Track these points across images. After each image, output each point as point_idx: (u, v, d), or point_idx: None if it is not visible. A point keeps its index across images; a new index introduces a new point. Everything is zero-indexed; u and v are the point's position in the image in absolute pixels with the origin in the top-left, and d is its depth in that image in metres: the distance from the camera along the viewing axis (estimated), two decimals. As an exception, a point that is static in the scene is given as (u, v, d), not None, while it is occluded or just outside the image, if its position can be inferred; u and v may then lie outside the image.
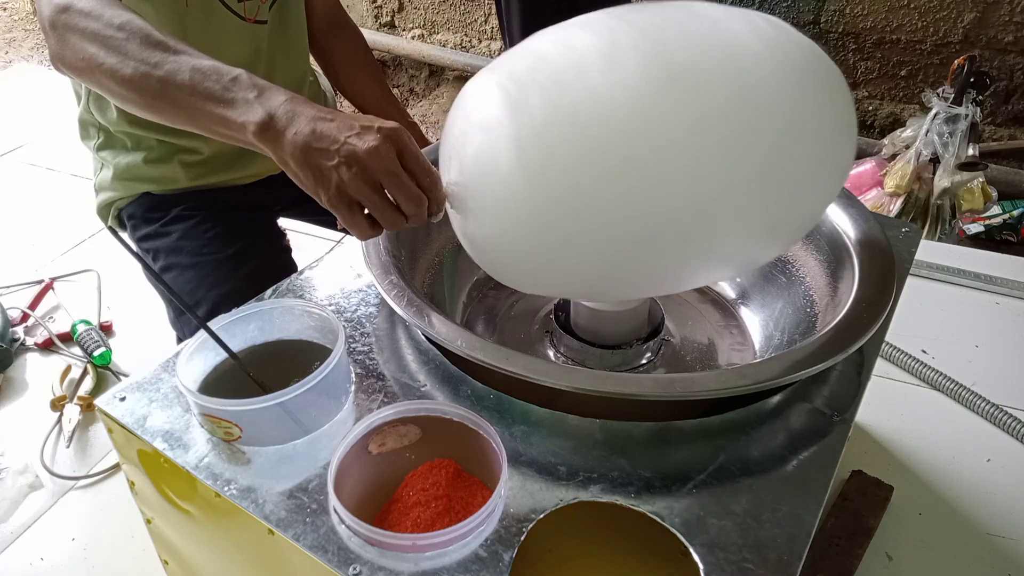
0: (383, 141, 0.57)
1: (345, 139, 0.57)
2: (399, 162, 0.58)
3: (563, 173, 0.54)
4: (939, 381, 1.22)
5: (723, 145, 0.54)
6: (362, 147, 0.56)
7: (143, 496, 0.69)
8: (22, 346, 1.42)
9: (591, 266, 0.59)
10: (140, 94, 0.68)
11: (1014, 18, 1.95)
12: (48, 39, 0.74)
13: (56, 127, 2.30)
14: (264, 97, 0.61)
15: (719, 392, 0.58)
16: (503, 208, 0.58)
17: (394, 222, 0.60)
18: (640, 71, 0.53)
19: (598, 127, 0.53)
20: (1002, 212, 1.89)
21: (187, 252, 0.99)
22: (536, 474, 0.57)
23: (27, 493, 1.13)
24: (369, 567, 0.50)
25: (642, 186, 0.54)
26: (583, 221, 0.56)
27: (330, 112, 0.60)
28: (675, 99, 0.53)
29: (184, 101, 0.65)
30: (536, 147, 0.55)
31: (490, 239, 0.62)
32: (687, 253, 0.59)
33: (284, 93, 0.62)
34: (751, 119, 0.54)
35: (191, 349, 0.63)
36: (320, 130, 0.58)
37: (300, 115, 0.59)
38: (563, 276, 0.61)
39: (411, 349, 0.70)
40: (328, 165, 0.58)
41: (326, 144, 0.58)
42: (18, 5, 3.57)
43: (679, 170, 0.54)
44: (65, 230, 1.80)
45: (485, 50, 2.77)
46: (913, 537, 1.00)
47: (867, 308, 0.66)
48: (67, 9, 0.72)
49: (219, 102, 0.63)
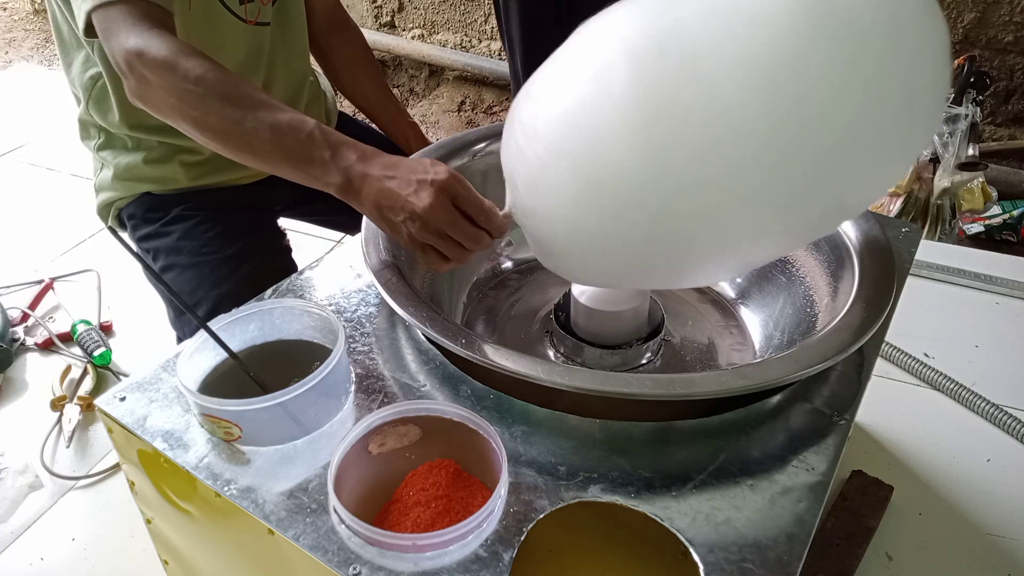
0: (437, 196, 0.65)
1: (406, 198, 0.66)
2: (456, 208, 0.66)
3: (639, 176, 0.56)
4: (939, 381, 1.22)
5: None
6: (420, 205, 0.65)
7: (143, 496, 0.69)
8: (22, 346, 1.42)
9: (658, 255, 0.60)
10: (223, 147, 0.74)
11: (1014, 18, 1.95)
12: (124, 78, 0.77)
13: (56, 127, 2.30)
14: (337, 156, 0.69)
15: (719, 392, 0.58)
16: (569, 215, 0.61)
17: (461, 256, 0.68)
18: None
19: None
20: (1002, 212, 1.89)
21: (187, 252, 0.99)
22: (536, 474, 0.57)
23: (27, 493, 1.13)
24: (369, 567, 0.50)
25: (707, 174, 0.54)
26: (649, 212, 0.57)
27: (391, 167, 0.68)
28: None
29: (266, 156, 0.72)
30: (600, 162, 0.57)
31: (558, 241, 0.65)
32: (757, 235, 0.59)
33: (353, 149, 0.69)
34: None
35: (191, 349, 0.63)
36: (385, 189, 0.67)
37: (369, 176, 0.68)
38: (630, 267, 0.63)
39: (411, 349, 0.70)
40: (397, 220, 0.67)
41: (391, 202, 0.67)
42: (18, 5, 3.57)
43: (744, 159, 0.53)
44: (65, 230, 1.80)
45: (485, 50, 2.77)
46: (913, 537, 1.00)
47: (867, 308, 0.66)
48: (141, 55, 0.73)
49: (299, 161, 0.70)
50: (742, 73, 0.51)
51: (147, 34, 0.74)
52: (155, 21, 0.76)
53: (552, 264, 0.69)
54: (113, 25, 0.76)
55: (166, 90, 0.73)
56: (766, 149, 0.53)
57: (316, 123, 0.71)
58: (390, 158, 0.69)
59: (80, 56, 0.97)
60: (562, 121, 0.58)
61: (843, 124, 0.52)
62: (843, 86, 0.51)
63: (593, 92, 0.56)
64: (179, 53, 0.73)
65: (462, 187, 0.66)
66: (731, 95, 0.52)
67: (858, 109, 0.52)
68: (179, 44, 0.74)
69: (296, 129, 0.70)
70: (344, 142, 0.70)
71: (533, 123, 0.61)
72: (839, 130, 0.52)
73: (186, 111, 0.73)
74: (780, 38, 0.51)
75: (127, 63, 0.74)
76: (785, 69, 0.51)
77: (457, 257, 0.68)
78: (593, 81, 0.56)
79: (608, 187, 0.57)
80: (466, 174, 0.91)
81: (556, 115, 0.59)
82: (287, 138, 0.70)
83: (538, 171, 0.61)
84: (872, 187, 0.60)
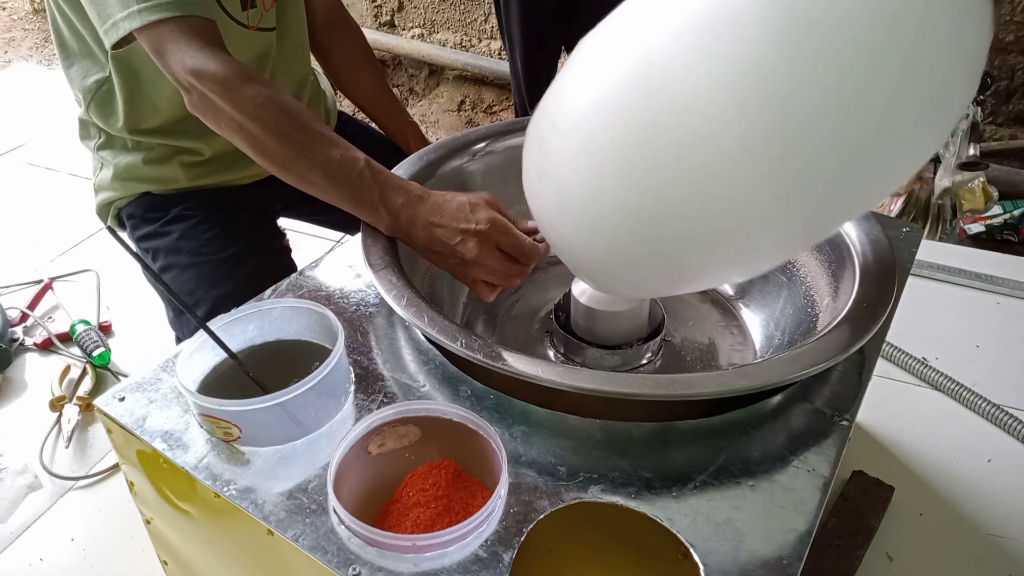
0: (481, 246, 0.71)
1: (454, 248, 0.72)
2: (500, 251, 0.72)
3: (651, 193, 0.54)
4: (940, 381, 1.22)
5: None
6: (468, 255, 0.71)
7: (142, 496, 0.69)
8: (21, 346, 1.42)
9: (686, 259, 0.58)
10: (280, 175, 0.78)
11: (1015, 18, 1.95)
12: (184, 93, 0.79)
13: (55, 127, 2.30)
14: (385, 199, 0.74)
15: (720, 392, 0.57)
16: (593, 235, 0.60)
17: (510, 286, 0.77)
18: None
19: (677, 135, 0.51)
20: (1003, 212, 1.89)
21: (187, 252, 0.99)
22: (536, 475, 0.57)
23: (26, 493, 1.13)
24: (368, 568, 0.50)
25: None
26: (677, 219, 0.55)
27: (436, 212, 0.72)
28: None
29: (320, 191, 0.76)
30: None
31: (580, 265, 0.66)
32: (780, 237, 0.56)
33: (399, 192, 0.74)
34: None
35: (190, 349, 0.63)
36: (434, 236, 0.72)
37: (416, 222, 0.73)
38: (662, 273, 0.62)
39: (411, 349, 0.69)
40: (446, 264, 0.75)
41: (440, 248, 0.73)
42: (17, 4, 3.57)
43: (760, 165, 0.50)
44: (64, 230, 1.80)
45: (485, 49, 2.77)
46: (914, 538, 1.00)
47: (868, 308, 0.66)
48: (199, 75, 0.76)
49: (350, 201, 0.75)
50: (724, 94, 0.48)
51: (202, 53, 0.77)
52: (207, 38, 0.79)
53: (585, 280, 0.72)
54: (167, 44, 0.78)
55: (228, 113, 0.76)
56: (764, 175, 0.50)
57: (365, 161, 0.75)
58: (434, 201, 0.73)
59: (84, 62, 0.97)
60: (568, 152, 0.58)
61: (848, 139, 0.48)
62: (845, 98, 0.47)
63: (589, 124, 0.55)
64: (237, 78, 0.76)
65: (502, 233, 0.71)
66: (715, 116, 0.48)
67: (860, 122, 0.48)
68: (236, 66, 0.77)
69: (347, 168, 0.74)
70: (389, 183, 0.74)
71: (545, 155, 0.61)
72: (846, 145, 0.48)
73: (246, 136, 0.76)
74: (763, 51, 0.47)
75: (187, 82, 0.77)
76: (772, 86, 0.47)
77: (507, 287, 0.76)
78: (590, 111, 0.55)
79: (610, 216, 0.57)
80: (466, 174, 0.92)
81: (564, 149, 0.58)
82: (338, 177, 0.74)
83: (553, 200, 0.62)
84: (877, 195, 0.56)
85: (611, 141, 0.54)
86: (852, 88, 0.46)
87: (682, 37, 0.49)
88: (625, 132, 0.53)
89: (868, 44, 0.46)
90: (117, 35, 0.79)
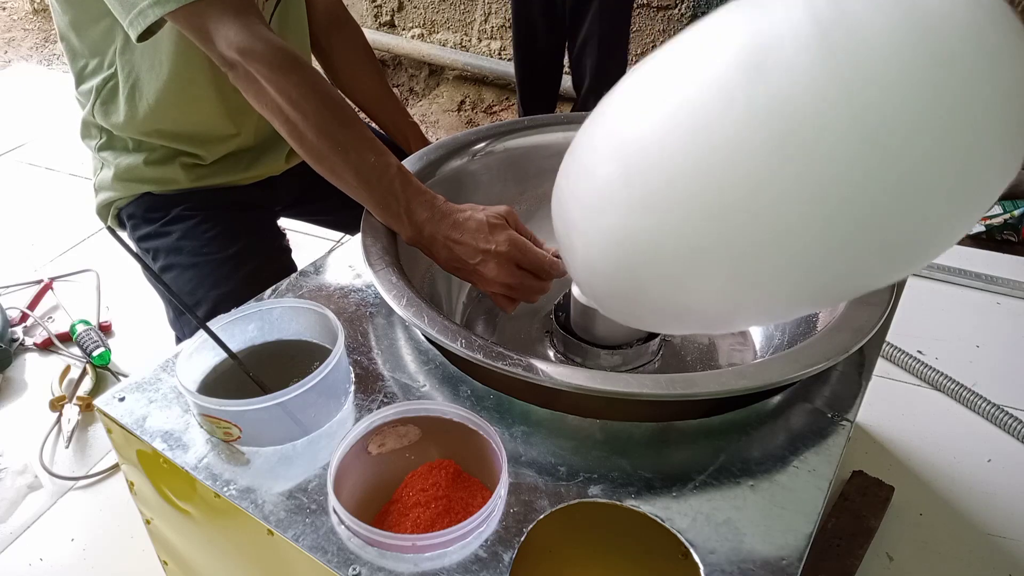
0: (501, 267, 0.72)
1: (475, 267, 0.73)
2: (519, 269, 0.73)
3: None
4: (940, 381, 1.22)
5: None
6: (488, 275, 0.73)
7: (142, 496, 0.69)
8: (21, 346, 1.42)
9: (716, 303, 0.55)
10: (314, 165, 0.78)
11: (1014, 18, 1.95)
12: (229, 70, 0.78)
13: (55, 127, 2.30)
14: (410, 212, 0.75)
15: (720, 392, 0.57)
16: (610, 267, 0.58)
17: (531, 300, 0.76)
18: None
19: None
20: (1003, 212, 1.89)
21: (187, 252, 0.99)
22: (536, 475, 0.57)
23: (26, 493, 1.13)
24: (369, 568, 0.50)
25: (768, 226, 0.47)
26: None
27: (457, 228, 0.73)
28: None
29: (351, 189, 0.77)
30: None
31: (598, 285, 0.63)
32: (801, 297, 0.53)
33: (424, 207, 0.75)
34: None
35: (190, 349, 0.63)
36: (455, 255, 0.74)
37: (437, 239, 0.74)
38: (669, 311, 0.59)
39: (410, 349, 0.69)
40: (468, 278, 0.76)
41: (461, 265, 0.75)
42: (17, 4, 3.57)
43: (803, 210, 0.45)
44: (64, 230, 1.80)
45: (485, 49, 2.77)
46: (914, 537, 1.00)
47: (868, 308, 0.66)
48: (246, 53, 0.75)
49: (376, 206, 0.77)
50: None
51: (248, 31, 0.75)
52: (250, 15, 0.77)
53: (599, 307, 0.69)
54: (210, 22, 0.76)
55: (270, 95, 0.76)
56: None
57: (397, 168, 0.76)
58: (455, 217, 0.74)
59: (95, 62, 0.97)
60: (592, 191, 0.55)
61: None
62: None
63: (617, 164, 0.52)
64: (284, 61, 0.75)
65: (521, 253, 0.72)
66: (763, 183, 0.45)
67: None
68: (282, 48, 0.76)
69: (379, 173, 0.75)
70: (416, 197, 0.75)
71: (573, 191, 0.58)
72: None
73: (283, 123, 0.77)
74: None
75: (233, 59, 0.76)
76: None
77: (527, 300, 0.76)
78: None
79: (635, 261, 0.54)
80: (465, 174, 0.92)
81: (593, 183, 0.55)
82: (369, 181, 0.76)
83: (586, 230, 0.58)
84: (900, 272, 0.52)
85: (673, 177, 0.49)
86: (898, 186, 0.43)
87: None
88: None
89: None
90: (145, 23, 0.77)
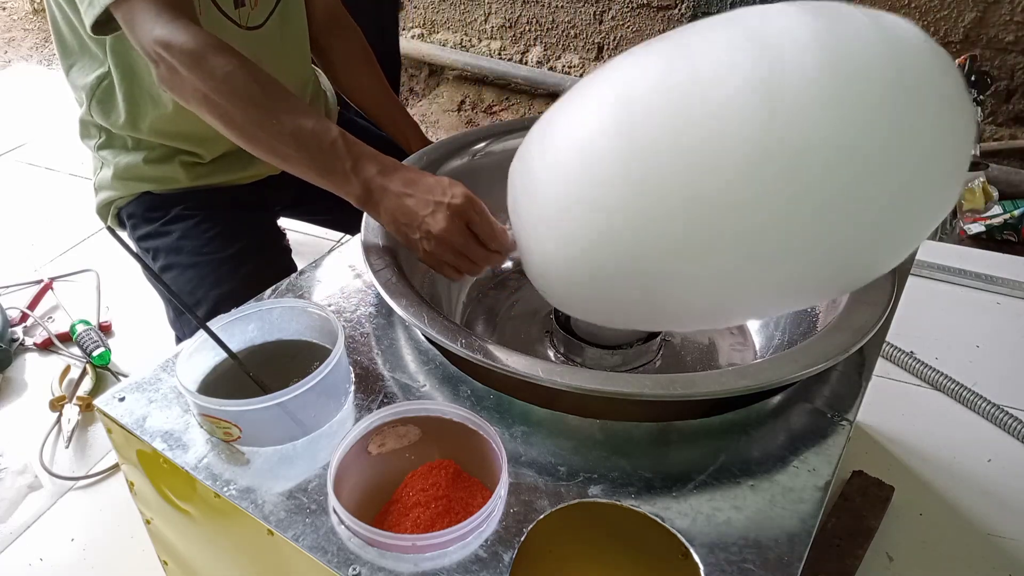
0: (451, 219, 0.68)
1: (423, 218, 0.69)
2: (469, 230, 0.69)
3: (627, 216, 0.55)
4: (940, 381, 1.22)
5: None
6: (436, 227, 0.68)
7: (142, 496, 0.69)
8: (21, 346, 1.42)
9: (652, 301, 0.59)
10: (247, 146, 0.75)
11: (1015, 17, 1.94)
12: (153, 66, 0.77)
13: (56, 127, 2.30)
14: (358, 168, 0.71)
15: (720, 392, 0.57)
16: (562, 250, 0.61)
17: (472, 272, 0.73)
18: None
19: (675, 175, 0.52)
20: (1003, 212, 1.89)
21: (187, 252, 0.99)
22: (536, 475, 0.57)
23: (26, 493, 1.13)
24: (369, 568, 0.50)
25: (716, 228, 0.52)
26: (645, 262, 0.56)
27: (411, 183, 0.70)
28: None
29: (288, 160, 0.74)
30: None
31: (547, 273, 0.65)
32: (750, 295, 0.57)
33: (374, 162, 0.71)
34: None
35: (190, 349, 0.63)
36: (404, 206, 0.70)
37: (388, 191, 0.71)
38: (614, 306, 0.63)
39: (411, 349, 0.69)
40: (414, 237, 0.71)
41: (408, 220, 0.70)
42: (17, 4, 3.56)
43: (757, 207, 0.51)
44: (64, 230, 1.80)
45: (485, 49, 2.77)
46: (914, 537, 1.00)
47: (868, 308, 0.66)
48: (168, 46, 0.74)
49: (320, 169, 0.72)
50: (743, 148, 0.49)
51: (173, 24, 0.75)
52: (179, 10, 0.76)
53: (544, 293, 0.69)
54: (137, 16, 0.76)
55: (194, 84, 0.74)
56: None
57: (340, 131, 0.72)
58: (409, 173, 0.71)
59: (84, 59, 0.97)
60: (559, 166, 0.58)
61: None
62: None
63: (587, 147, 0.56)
64: (207, 47, 0.73)
65: (476, 211, 0.69)
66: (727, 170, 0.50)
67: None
68: (206, 37, 0.75)
69: (319, 137, 0.72)
70: (365, 153, 0.72)
71: (531, 163, 0.62)
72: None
73: (212, 106, 0.74)
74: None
75: (155, 53, 0.75)
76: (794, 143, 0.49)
77: (469, 272, 0.72)
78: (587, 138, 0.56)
79: (599, 239, 0.57)
80: (465, 174, 0.92)
81: (555, 160, 0.59)
82: (310, 145, 0.72)
83: (531, 211, 0.62)
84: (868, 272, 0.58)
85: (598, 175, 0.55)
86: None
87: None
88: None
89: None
90: (94, 13, 0.78)
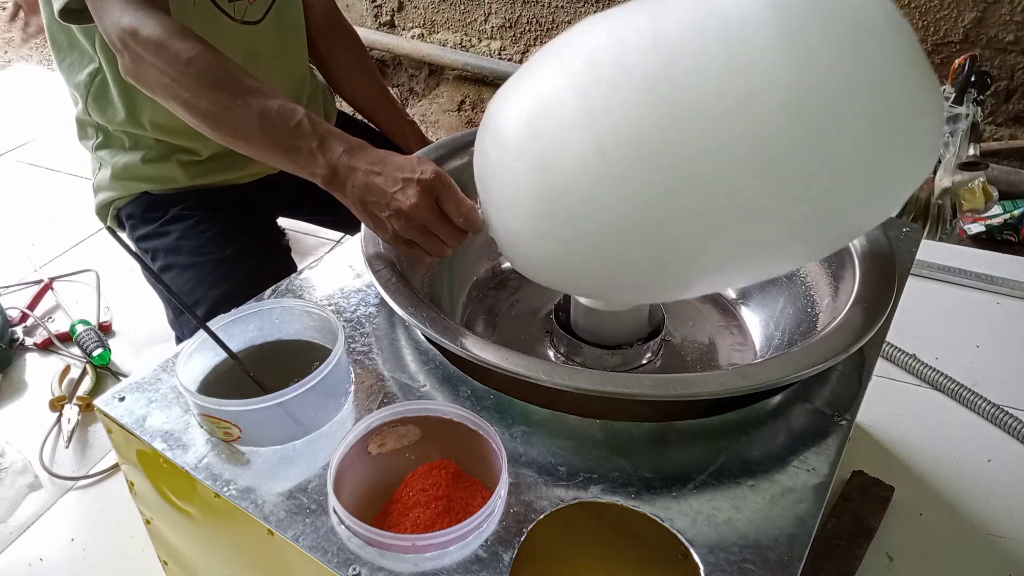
0: (422, 195, 0.66)
1: (392, 195, 0.67)
2: (439, 207, 0.67)
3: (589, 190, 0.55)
4: (940, 381, 1.22)
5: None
6: (406, 203, 0.66)
7: (142, 496, 0.69)
8: (21, 346, 1.42)
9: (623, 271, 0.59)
10: (212, 131, 0.74)
11: (1015, 17, 1.94)
12: (119, 55, 0.77)
13: (55, 127, 2.30)
14: (324, 147, 0.70)
15: (720, 392, 0.57)
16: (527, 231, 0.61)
17: (442, 252, 0.70)
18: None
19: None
20: (1003, 212, 1.89)
21: (186, 252, 0.99)
22: (536, 475, 0.57)
23: (26, 493, 1.13)
24: (369, 568, 0.50)
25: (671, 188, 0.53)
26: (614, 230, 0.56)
27: (378, 162, 0.68)
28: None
29: (254, 143, 0.73)
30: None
31: (516, 243, 0.65)
32: (711, 261, 0.58)
33: (340, 141, 0.70)
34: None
35: (190, 349, 0.63)
36: (371, 184, 0.68)
37: (355, 169, 0.68)
38: (588, 276, 0.63)
39: (411, 349, 0.69)
40: (382, 216, 0.68)
41: (377, 198, 0.67)
42: (18, 5, 3.56)
43: (711, 174, 0.52)
44: (64, 230, 1.80)
45: (485, 49, 2.77)
46: (914, 538, 1.00)
47: (868, 308, 0.66)
48: (134, 34, 0.74)
49: (286, 150, 0.71)
50: (718, 86, 0.50)
51: (140, 12, 0.75)
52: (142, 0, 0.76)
53: (520, 269, 0.69)
54: (106, 3, 0.76)
55: (158, 69, 0.73)
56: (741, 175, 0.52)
57: (305, 112, 0.71)
58: (377, 153, 0.70)
59: (73, 55, 0.97)
60: (523, 124, 0.58)
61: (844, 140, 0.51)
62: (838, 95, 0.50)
63: (550, 102, 0.56)
64: (172, 33, 0.73)
65: (445, 187, 0.67)
66: (707, 115, 0.51)
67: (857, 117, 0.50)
68: (172, 24, 0.74)
69: (285, 118, 0.71)
70: (332, 133, 0.71)
71: (497, 124, 0.61)
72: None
73: (176, 92, 0.73)
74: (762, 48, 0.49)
75: (121, 41, 0.75)
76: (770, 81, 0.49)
77: (438, 252, 0.70)
78: (551, 95, 0.56)
79: (562, 202, 0.57)
80: (466, 174, 0.91)
81: (517, 118, 0.59)
82: (275, 126, 0.71)
83: (496, 175, 0.62)
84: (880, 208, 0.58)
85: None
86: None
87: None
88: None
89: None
90: (59, 3, 0.78)
